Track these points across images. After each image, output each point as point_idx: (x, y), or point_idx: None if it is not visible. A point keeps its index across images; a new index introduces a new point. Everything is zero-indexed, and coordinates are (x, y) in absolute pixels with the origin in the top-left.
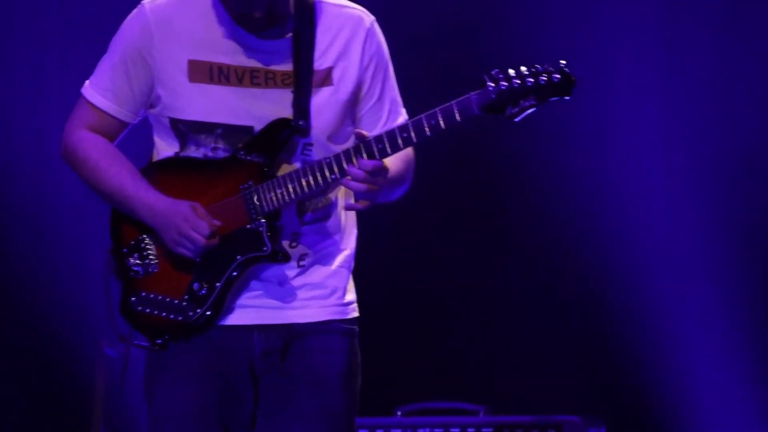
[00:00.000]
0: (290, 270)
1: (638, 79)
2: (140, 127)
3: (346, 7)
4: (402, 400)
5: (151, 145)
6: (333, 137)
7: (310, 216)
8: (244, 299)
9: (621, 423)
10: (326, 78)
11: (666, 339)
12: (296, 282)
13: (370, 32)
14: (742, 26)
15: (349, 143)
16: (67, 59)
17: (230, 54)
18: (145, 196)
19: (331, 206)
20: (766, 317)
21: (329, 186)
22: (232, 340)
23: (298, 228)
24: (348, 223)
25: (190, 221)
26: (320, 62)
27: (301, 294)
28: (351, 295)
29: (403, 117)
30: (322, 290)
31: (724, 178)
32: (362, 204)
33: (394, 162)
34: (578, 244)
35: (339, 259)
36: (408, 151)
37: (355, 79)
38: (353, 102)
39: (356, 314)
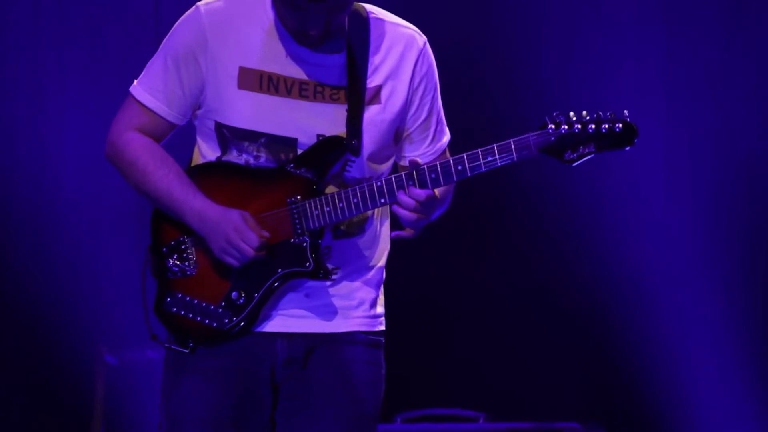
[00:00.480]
0: (321, 283)
1: (639, 86)
2: (183, 127)
3: (399, 25)
4: (402, 407)
5: (191, 148)
6: (373, 156)
7: (343, 231)
8: (272, 308)
9: (621, 429)
10: (375, 96)
11: (665, 346)
12: (325, 294)
13: (422, 53)
14: (743, 32)
15: (388, 163)
16: (67, 59)
17: (281, 64)
18: (194, 202)
19: (367, 222)
20: (766, 324)
21: (376, 209)
22: (256, 346)
23: (329, 242)
24: (382, 239)
25: (240, 231)
26: (371, 80)
27: (328, 305)
28: (379, 309)
29: (447, 136)
30: (349, 302)
31: (725, 185)
32: (408, 232)
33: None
34: (578, 251)
35: (369, 274)
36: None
37: (404, 99)
38: (398, 122)
39: (382, 327)
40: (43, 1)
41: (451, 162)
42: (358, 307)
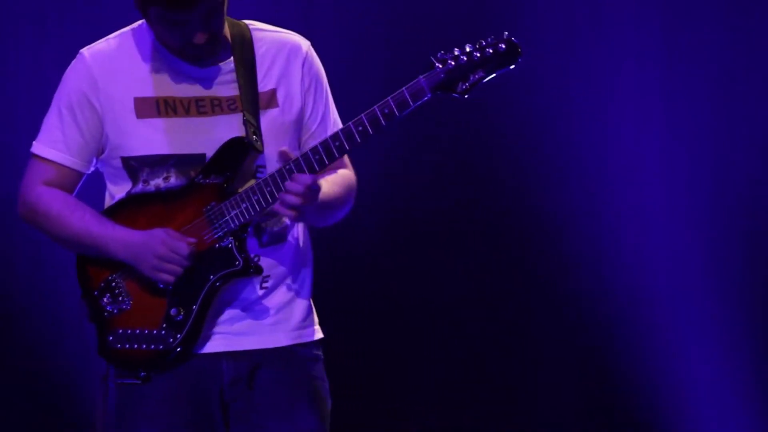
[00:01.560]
0: (254, 293)
1: (639, 95)
2: (92, 180)
3: (281, 32)
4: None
5: (102, 198)
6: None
7: (267, 238)
8: (212, 327)
9: None
10: (271, 99)
11: (664, 352)
12: (260, 307)
13: (307, 55)
14: (744, 40)
15: None
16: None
17: (174, 86)
18: (114, 232)
19: (286, 229)
20: (766, 328)
21: None
22: (202, 368)
23: (257, 250)
24: (305, 246)
25: (167, 244)
26: (263, 84)
27: (266, 319)
28: (313, 317)
29: None
30: (285, 314)
31: (725, 186)
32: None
33: (332, 188)
34: (577, 264)
35: (299, 282)
36: (350, 177)
37: (299, 101)
38: (299, 123)
39: (320, 335)
40: (44, 1)
41: (352, 125)
42: (292, 318)
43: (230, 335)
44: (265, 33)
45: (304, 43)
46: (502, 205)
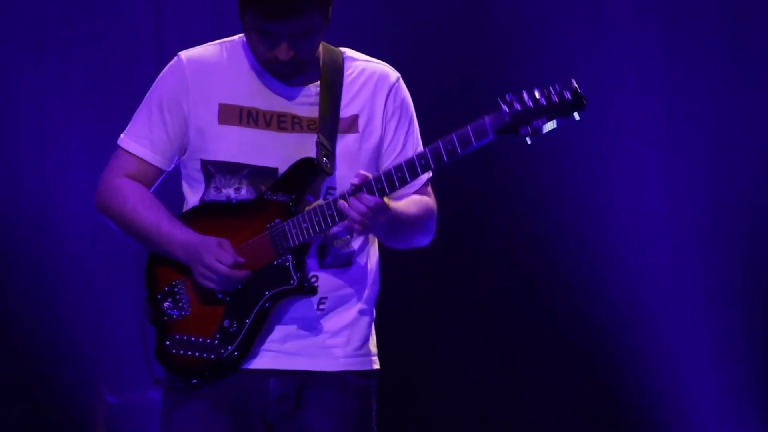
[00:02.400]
0: (309, 313)
1: (640, 109)
2: (171, 179)
3: (373, 61)
4: None
5: (180, 201)
6: None
7: (330, 259)
8: (264, 344)
9: None
10: (352, 125)
11: (664, 360)
12: (314, 328)
13: (395, 86)
14: (745, 50)
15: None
16: (69, 58)
17: (259, 99)
18: (180, 234)
19: (354, 254)
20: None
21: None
22: (249, 384)
23: (317, 270)
24: (373, 273)
25: (214, 253)
26: (346, 110)
27: (319, 341)
28: (371, 347)
29: (428, 173)
30: (340, 338)
31: (725, 197)
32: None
33: (408, 206)
34: (576, 266)
35: (360, 308)
36: (429, 202)
37: (380, 129)
38: (377, 152)
39: (376, 366)
40: (45, 1)
41: (415, 158)
42: (347, 344)
43: (280, 354)
44: (356, 61)
45: (394, 74)
46: (501, 207)
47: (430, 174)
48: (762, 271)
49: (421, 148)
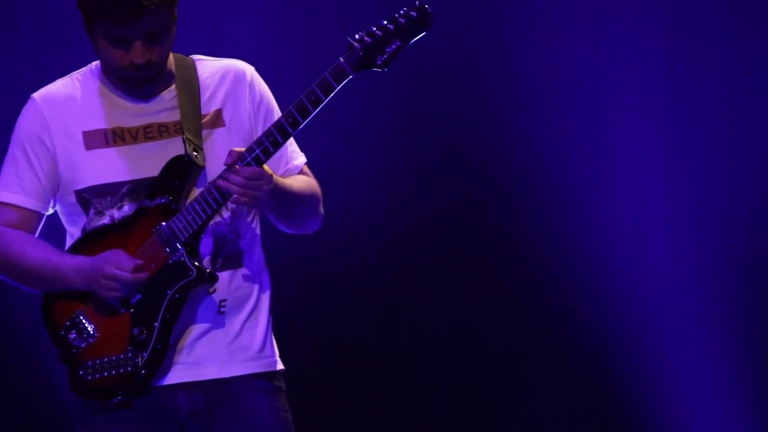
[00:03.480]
0: (212, 316)
1: (641, 128)
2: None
3: (225, 60)
4: None
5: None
6: None
7: (222, 262)
8: (171, 356)
9: None
10: (217, 119)
11: (668, 371)
12: (217, 332)
13: (253, 78)
14: (747, 51)
15: None
16: (69, 58)
17: (121, 118)
18: (71, 260)
19: (242, 254)
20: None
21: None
22: (161, 401)
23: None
24: (262, 273)
25: (112, 262)
26: (207, 106)
27: (223, 347)
28: (273, 347)
29: (302, 158)
30: (242, 342)
31: (726, 200)
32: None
33: (295, 182)
34: (576, 281)
35: (257, 309)
36: (313, 182)
37: (247, 121)
38: (248, 141)
39: (281, 367)
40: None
41: (282, 119)
42: (249, 348)
43: (186, 365)
44: (208, 61)
45: (249, 68)
46: (499, 211)
47: (305, 159)
48: (762, 272)
49: (294, 142)
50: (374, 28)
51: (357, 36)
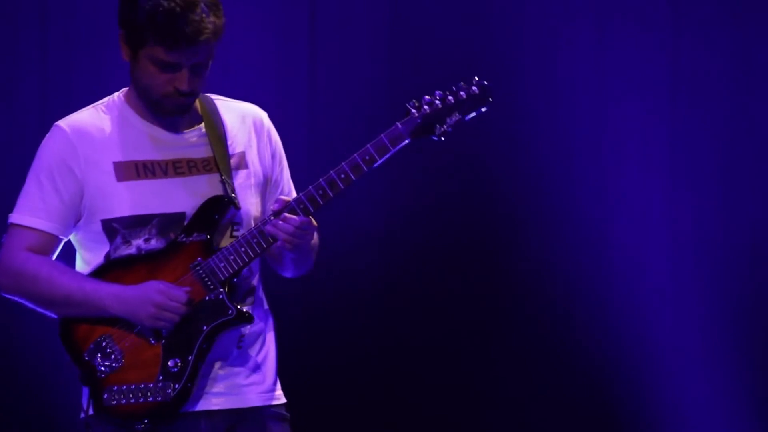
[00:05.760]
0: (232, 351)
1: (643, 134)
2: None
3: (243, 103)
4: None
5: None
6: (257, 219)
7: (240, 298)
8: (195, 386)
9: None
10: (241, 161)
11: (668, 373)
12: (237, 366)
13: (270, 124)
14: (749, 52)
15: None
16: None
17: (150, 151)
18: (109, 288)
19: (255, 291)
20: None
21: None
22: (181, 429)
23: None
24: (269, 312)
25: (164, 292)
26: (233, 147)
27: (241, 379)
28: (279, 382)
29: None
30: (258, 376)
31: (727, 204)
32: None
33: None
34: (576, 281)
35: (268, 344)
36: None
37: (266, 166)
38: (264, 186)
39: (285, 401)
40: (49, 8)
41: (333, 173)
42: (264, 381)
43: (210, 395)
44: (228, 103)
45: (264, 114)
46: (500, 212)
47: None
48: (762, 273)
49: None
50: (434, 98)
51: (415, 103)
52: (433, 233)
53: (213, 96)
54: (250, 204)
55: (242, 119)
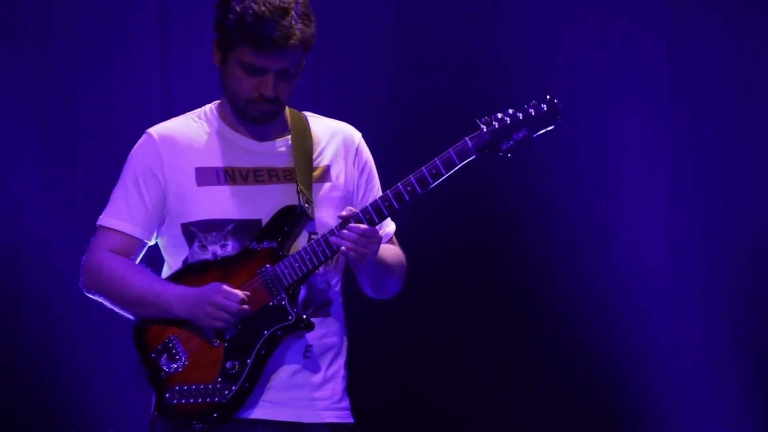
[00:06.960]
0: (298, 360)
1: (645, 135)
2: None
3: (336, 121)
4: None
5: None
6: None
7: (312, 310)
8: (254, 394)
9: None
10: (325, 174)
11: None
12: (302, 377)
13: (361, 143)
14: (750, 53)
15: None
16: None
17: (233, 158)
18: (175, 289)
19: (330, 304)
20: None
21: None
22: None
23: None
24: (345, 327)
25: (221, 292)
26: (318, 160)
27: (304, 393)
28: (347, 401)
29: (393, 226)
30: (323, 392)
31: (728, 206)
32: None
33: (386, 252)
34: (575, 282)
35: (339, 360)
36: (400, 253)
37: (352, 182)
38: (347, 200)
39: (352, 420)
40: (51, 16)
41: (401, 186)
42: (330, 398)
43: (270, 404)
44: (322, 119)
45: (357, 134)
46: (502, 213)
47: (395, 227)
48: (762, 274)
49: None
50: (502, 114)
51: (484, 119)
52: (434, 233)
53: (307, 113)
54: (329, 216)
55: (332, 134)
